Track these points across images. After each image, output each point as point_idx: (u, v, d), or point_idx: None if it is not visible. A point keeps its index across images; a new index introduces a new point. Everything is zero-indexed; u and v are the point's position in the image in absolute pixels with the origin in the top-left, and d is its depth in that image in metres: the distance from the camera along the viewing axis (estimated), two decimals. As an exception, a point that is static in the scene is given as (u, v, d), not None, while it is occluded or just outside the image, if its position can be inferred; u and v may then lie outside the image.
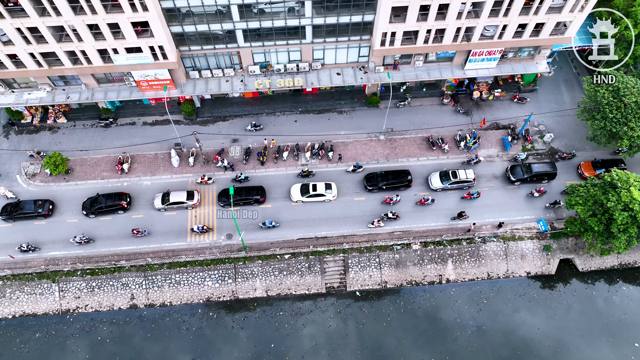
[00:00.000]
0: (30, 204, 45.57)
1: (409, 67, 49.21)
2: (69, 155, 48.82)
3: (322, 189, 46.05)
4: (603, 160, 48.12)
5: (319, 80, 48.54)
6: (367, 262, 45.46)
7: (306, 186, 46.38)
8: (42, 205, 45.47)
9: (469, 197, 46.82)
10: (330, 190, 46.32)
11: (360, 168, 48.27)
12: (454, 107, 52.63)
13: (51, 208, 45.96)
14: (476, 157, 48.27)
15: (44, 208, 45.43)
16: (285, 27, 43.84)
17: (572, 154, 49.07)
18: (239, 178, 47.18)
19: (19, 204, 45.58)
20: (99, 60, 43.15)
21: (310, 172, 47.51)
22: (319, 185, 46.31)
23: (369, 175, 47.50)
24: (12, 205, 45.57)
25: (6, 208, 45.57)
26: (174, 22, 41.93)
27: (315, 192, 45.90)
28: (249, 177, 47.98)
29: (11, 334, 43.25)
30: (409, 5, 40.78)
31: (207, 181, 47.38)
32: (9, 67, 42.94)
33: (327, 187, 46.43)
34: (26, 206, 45.46)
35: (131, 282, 44.43)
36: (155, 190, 47.26)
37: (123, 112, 51.92)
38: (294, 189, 46.72)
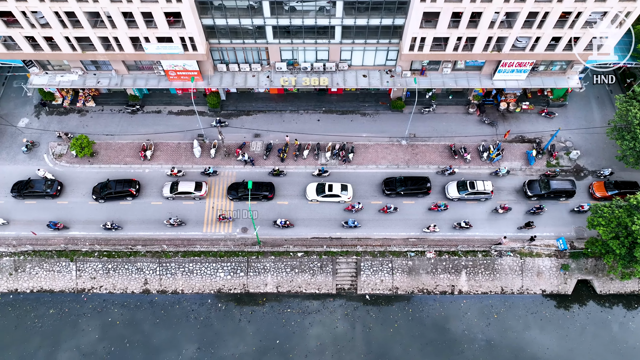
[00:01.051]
0: (40, 183, 46.61)
1: (437, 73, 48.74)
2: (95, 138, 49.92)
3: (337, 190, 46.01)
4: (616, 182, 46.88)
5: (344, 81, 48.48)
6: (380, 267, 45.23)
7: (322, 186, 46.39)
8: (51, 185, 46.51)
9: (435, 209, 46.17)
10: (346, 192, 46.23)
11: (326, 173, 47.89)
12: (480, 117, 51.92)
13: (59, 189, 46.97)
14: (500, 169, 47.54)
15: (53, 188, 46.45)
16: (315, 26, 43.92)
17: (556, 173, 48.00)
18: (207, 172, 47.65)
19: (29, 182, 46.67)
20: (131, 48, 43.97)
21: (324, 172, 47.35)
22: (335, 185, 46.27)
23: (388, 180, 47.25)
24: (23, 183, 46.74)
25: (17, 186, 46.79)
26: (205, 14, 42.44)
27: (330, 193, 45.88)
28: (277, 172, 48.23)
29: (27, 307, 44.49)
30: (441, 11, 40.38)
31: (176, 174, 47.80)
32: (45, 50, 44.12)
33: (343, 189, 46.35)
34: (36, 185, 46.58)
35: (145, 267, 45.19)
36: (175, 180, 47.89)
37: (150, 100, 52.81)
38: (309, 187, 46.80)
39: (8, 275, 45.02)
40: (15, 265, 45.10)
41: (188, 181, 46.90)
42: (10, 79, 54.38)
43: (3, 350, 42.47)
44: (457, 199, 46.80)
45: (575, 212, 46.17)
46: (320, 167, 47.97)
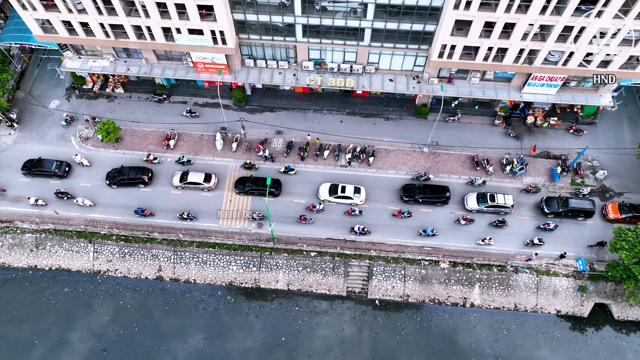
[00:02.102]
0: (50, 162, 47.70)
1: (464, 82, 48.13)
2: (121, 124, 50.89)
3: (350, 192, 45.87)
4: (631, 205, 45.50)
5: (370, 84, 48.30)
6: (392, 273, 44.92)
7: (335, 187, 46.33)
8: (60, 166, 47.63)
9: (399, 216, 45.65)
10: (359, 195, 46.05)
11: (292, 171, 47.70)
12: (505, 130, 51.04)
13: (67, 170, 48.03)
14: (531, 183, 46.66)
15: (61, 169, 47.54)
16: (345, 28, 43.86)
17: (538, 189, 46.79)
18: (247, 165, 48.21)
19: (40, 162, 47.80)
20: (162, 38, 44.69)
21: (290, 170, 47.42)
22: (348, 187, 46.13)
23: (407, 186, 46.87)
24: (34, 161, 47.87)
25: (27, 164, 47.97)
26: (237, 9, 42.82)
27: (343, 194, 45.78)
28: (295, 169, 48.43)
29: (44, 284, 45.67)
30: (474, 20, 39.85)
31: (152, 160, 48.54)
32: (80, 35, 45.20)
33: (356, 191, 46.19)
34: (46, 164, 47.66)
35: (161, 254, 45.87)
36: (195, 170, 48.43)
37: (177, 90, 53.57)
38: (322, 187, 46.79)
39: (29, 251, 46.28)
40: (36, 242, 46.34)
41: (198, 172, 47.38)
42: (45, 61, 55.90)
43: (18, 323, 43.70)
44: (475, 211, 46.13)
45: (494, 226, 45.52)
46: (287, 165, 48.01)
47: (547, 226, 45.08)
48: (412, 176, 48.02)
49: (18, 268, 46.30)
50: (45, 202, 46.57)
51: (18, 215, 47.02)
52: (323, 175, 48.43)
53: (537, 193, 47.00)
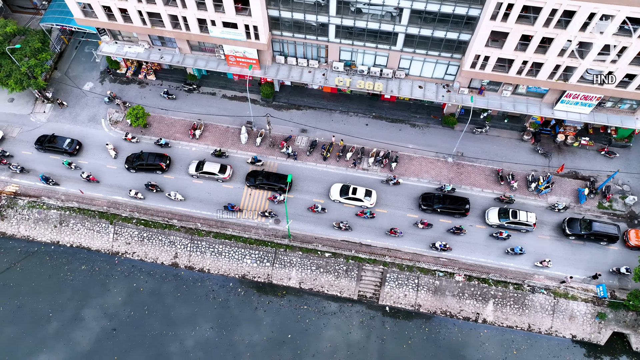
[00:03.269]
0: (62, 140, 49.09)
1: (495, 94, 47.31)
2: (150, 111, 51.86)
3: (361, 194, 45.69)
4: None
5: (399, 89, 47.94)
6: (405, 281, 44.50)
7: (346, 188, 46.21)
8: (71, 144, 48.93)
9: (361, 215, 45.39)
10: (370, 198, 45.81)
11: (259, 162, 47.94)
12: (534, 146, 49.93)
13: (77, 148, 49.34)
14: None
15: (71, 147, 48.86)
16: (378, 31, 43.65)
17: (512, 199, 45.67)
18: (254, 161, 48.47)
19: (53, 138, 49.18)
20: (197, 29, 45.33)
21: (257, 161, 47.75)
22: (359, 189, 45.96)
23: (426, 195, 46.37)
24: (47, 137, 49.22)
25: (41, 139, 49.33)
26: (272, 5, 43.09)
27: (353, 196, 45.56)
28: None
29: (63, 260, 46.92)
30: (510, 32, 39.12)
31: (130, 139, 49.67)
32: (118, 20, 46.25)
33: (367, 194, 45.95)
34: (59, 141, 49.00)
35: (178, 241, 46.55)
36: (218, 161, 48.96)
37: (207, 81, 54.26)
38: (334, 188, 46.71)
39: (53, 227, 47.62)
40: (60, 218, 47.64)
41: (213, 162, 47.87)
42: (82, 44, 57.42)
43: (35, 295, 45.05)
44: (496, 226, 45.29)
45: (452, 232, 44.95)
46: (254, 156, 48.22)
47: (500, 235, 44.35)
48: (435, 186, 47.36)
49: (41, 242, 47.70)
50: (143, 196, 47.10)
51: (46, 191, 48.43)
52: (344, 177, 48.30)
53: (511, 204, 46.19)
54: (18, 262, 46.81)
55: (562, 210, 45.85)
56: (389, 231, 44.89)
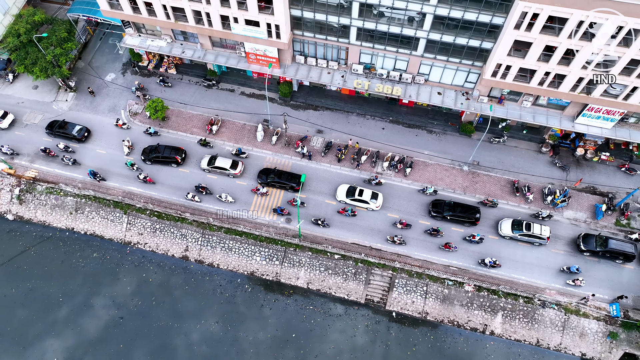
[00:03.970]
0: (72, 126, 50.11)
1: (515, 105, 46.75)
2: (170, 104, 52.43)
3: (367, 197, 45.60)
4: None
5: (417, 95, 47.69)
6: (414, 288, 44.18)
7: (353, 189, 46.15)
8: (80, 131, 49.96)
9: (343, 213, 45.34)
10: (375, 200, 45.69)
11: (243, 154, 48.55)
12: (552, 158, 49.18)
13: (86, 135, 50.34)
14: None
15: (80, 133, 49.86)
16: (400, 35, 43.50)
17: (495, 203, 45.30)
18: (238, 152, 49.04)
19: (64, 124, 50.27)
20: (219, 25, 45.72)
21: (241, 152, 47.51)
22: (365, 191, 45.88)
23: (437, 202, 46.03)
24: (58, 122, 50.33)
25: (52, 124, 50.40)
26: (295, 5, 43.25)
27: (359, 198, 45.47)
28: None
29: (75, 246, 47.67)
30: (534, 42, 38.65)
31: (121, 125, 50.58)
32: (143, 14, 46.89)
33: (373, 197, 45.82)
34: (69, 127, 50.04)
35: (189, 235, 46.94)
36: (215, 154, 49.18)
37: (226, 77, 54.67)
38: (340, 188, 46.73)
39: (69, 213, 48.43)
40: (76, 206, 48.43)
41: (225, 158, 48.18)
42: (107, 35, 58.36)
43: (47, 279, 45.86)
44: (509, 237, 44.73)
45: (470, 240, 44.48)
46: (238, 148, 48.70)
47: (473, 238, 43.81)
48: (449, 193, 46.97)
49: (56, 228, 48.53)
50: (200, 199, 46.93)
51: (63, 177, 49.27)
52: (357, 180, 48.15)
53: (494, 207, 45.90)
54: (33, 246, 47.70)
55: (433, 193, 46.36)
56: (443, 246, 44.05)
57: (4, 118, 50.84)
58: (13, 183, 49.37)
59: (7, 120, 50.89)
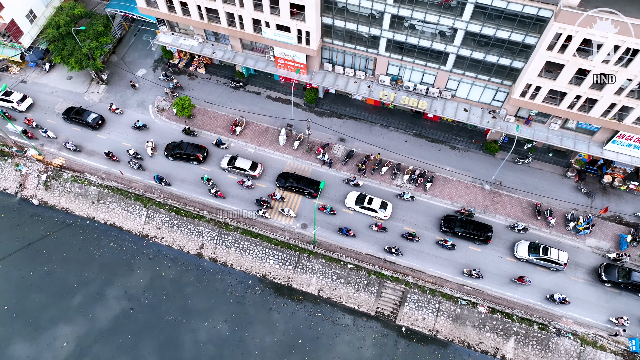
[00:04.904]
0: (88, 113, 51.65)
1: (542, 126, 45.92)
2: (197, 102, 53.26)
3: (376, 205, 45.37)
4: None
5: (443, 110, 47.32)
6: (426, 304, 43.51)
7: (363, 197, 45.97)
8: (95, 119, 51.53)
9: (323, 210, 45.28)
10: (384, 210, 45.39)
11: (223, 145, 49.50)
12: (577, 184, 48.04)
13: (100, 123, 51.75)
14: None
15: (94, 121, 51.38)
16: (429, 49, 43.33)
17: (471, 213, 45.08)
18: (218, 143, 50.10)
19: (81, 110, 51.78)
20: (251, 28, 46.36)
21: (472, 213, 46.02)
22: (375, 200, 45.67)
23: (449, 217, 45.47)
24: (75, 109, 51.97)
25: (69, 110, 51.96)
26: (327, 13, 43.56)
27: (368, 206, 45.23)
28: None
29: (94, 235, 48.60)
30: (566, 65, 37.98)
31: (115, 110, 52.22)
32: (177, 13, 47.91)
33: (382, 206, 45.56)
34: (84, 115, 51.53)
35: (206, 233, 47.35)
36: (254, 158, 49.60)
37: (253, 80, 55.28)
38: (350, 195, 46.63)
39: (91, 203, 49.47)
40: (99, 196, 49.44)
41: (245, 159, 48.53)
42: (141, 32, 59.78)
43: (65, 265, 46.88)
44: (524, 260, 43.76)
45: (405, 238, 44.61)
46: (218, 138, 49.75)
47: (445, 243, 43.81)
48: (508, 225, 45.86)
49: (78, 216, 49.61)
50: (269, 216, 46.33)
51: (88, 167, 50.42)
52: (375, 191, 47.88)
53: (471, 217, 45.51)
54: (54, 232, 48.84)
55: (410, 199, 46.70)
56: (516, 279, 42.81)
57: (23, 101, 53.04)
58: (41, 169, 50.77)
59: (25, 103, 53.14)
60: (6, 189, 51.17)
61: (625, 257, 43.07)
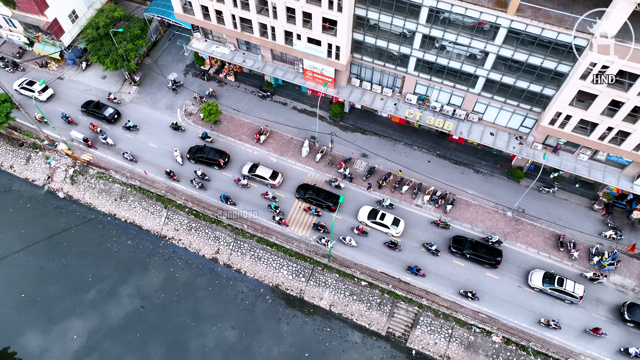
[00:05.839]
0: (105, 108, 53.72)
1: (571, 156, 44.91)
2: (224, 109, 54.07)
3: (388, 221, 44.91)
4: None
5: (469, 133, 46.81)
6: (439, 329, 42.54)
7: (375, 212, 45.57)
8: (112, 114, 53.37)
9: (308, 211, 45.93)
10: (396, 227, 44.85)
11: (209, 138, 50.67)
12: (604, 217, 46.62)
13: (115, 117, 53.64)
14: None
15: (110, 115, 53.26)
16: (459, 71, 43.12)
17: (447, 225, 45.48)
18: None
19: (99, 105, 53.81)
20: (282, 40, 47.00)
21: (447, 225, 46.11)
22: (387, 216, 45.21)
23: (458, 238, 44.69)
24: (94, 103, 54.00)
25: (88, 104, 54.03)
26: (358, 29, 43.88)
27: (380, 221, 44.77)
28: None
29: (113, 232, 49.41)
30: (599, 95, 37.19)
31: (113, 99, 54.46)
32: (212, 21, 49.01)
33: (395, 223, 45.01)
34: (102, 108, 53.59)
35: (222, 238, 47.57)
36: (275, 168, 49.85)
37: (281, 91, 55.87)
38: (363, 209, 46.30)
39: (113, 200, 50.40)
40: (122, 193, 50.35)
41: (266, 168, 48.79)
42: (176, 37, 61.32)
43: (82, 258, 47.77)
44: (538, 290, 42.51)
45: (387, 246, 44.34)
46: (204, 132, 50.71)
47: (430, 247, 44.07)
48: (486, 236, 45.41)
49: (100, 211, 50.57)
50: (329, 245, 44.03)
51: (114, 165, 51.49)
52: (397, 210, 47.48)
53: (447, 229, 45.42)
54: (75, 226, 49.85)
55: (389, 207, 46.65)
56: (591, 330, 41.04)
57: (44, 92, 55.28)
58: (69, 164, 52.10)
59: (46, 93, 55.43)
60: (35, 181, 52.63)
61: (602, 278, 42.07)
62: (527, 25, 36.70)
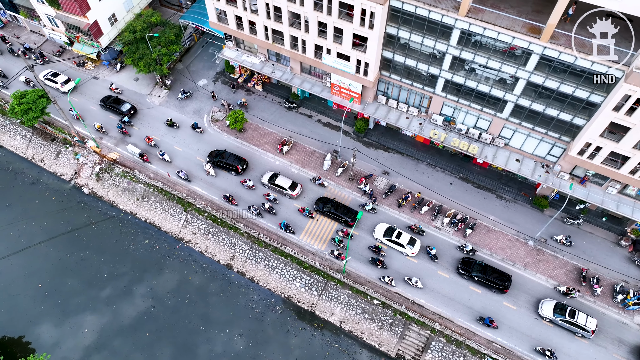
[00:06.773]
0: (123, 103, 55.51)
1: (599, 189, 43.66)
2: (249, 117, 54.71)
3: (404, 241, 44.48)
4: None
5: (494, 157, 46.09)
6: (450, 355, 41.44)
7: (391, 230, 45.12)
8: (129, 109, 55.16)
9: (302, 212, 46.43)
10: (412, 247, 44.33)
11: (198, 128, 52.51)
12: (631, 254, 44.97)
13: (132, 112, 55.37)
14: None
15: (127, 110, 55.05)
16: (487, 95, 42.68)
17: (422, 230, 45.46)
18: None
19: (118, 101, 55.68)
20: (312, 53, 47.49)
21: (421, 230, 45.94)
22: (404, 235, 44.71)
23: (467, 260, 43.78)
24: (112, 97, 56.10)
25: (107, 99, 56.13)
26: (388, 47, 44.01)
27: (396, 240, 44.27)
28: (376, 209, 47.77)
29: (132, 230, 50.21)
30: (633, 128, 36.19)
31: (114, 90, 56.79)
32: (245, 31, 49.95)
33: (410, 242, 44.45)
34: (119, 104, 55.44)
35: (238, 245, 47.73)
36: (295, 179, 49.96)
37: (307, 103, 56.28)
38: (379, 226, 46.05)
39: (135, 199, 51.29)
40: (144, 193, 51.22)
41: (286, 178, 48.97)
42: (208, 44, 62.67)
43: (100, 254, 48.61)
44: (548, 320, 41.07)
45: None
46: (194, 122, 52.06)
47: (375, 251, 44.73)
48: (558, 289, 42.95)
49: (121, 210, 51.51)
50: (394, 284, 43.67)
51: (139, 165, 52.52)
52: (376, 218, 46.84)
53: (421, 235, 45.78)
54: (96, 222, 50.87)
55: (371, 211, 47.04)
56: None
57: (67, 83, 57.59)
58: (96, 161, 53.39)
59: (68, 85, 57.48)
60: (62, 175, 54.09)
61: (575, 293, 41.21)
62: (560, 53, 36.17)
